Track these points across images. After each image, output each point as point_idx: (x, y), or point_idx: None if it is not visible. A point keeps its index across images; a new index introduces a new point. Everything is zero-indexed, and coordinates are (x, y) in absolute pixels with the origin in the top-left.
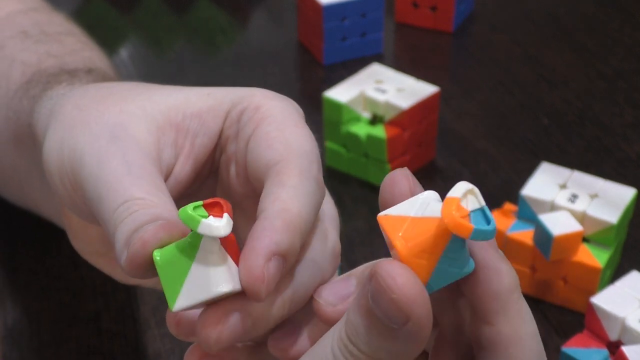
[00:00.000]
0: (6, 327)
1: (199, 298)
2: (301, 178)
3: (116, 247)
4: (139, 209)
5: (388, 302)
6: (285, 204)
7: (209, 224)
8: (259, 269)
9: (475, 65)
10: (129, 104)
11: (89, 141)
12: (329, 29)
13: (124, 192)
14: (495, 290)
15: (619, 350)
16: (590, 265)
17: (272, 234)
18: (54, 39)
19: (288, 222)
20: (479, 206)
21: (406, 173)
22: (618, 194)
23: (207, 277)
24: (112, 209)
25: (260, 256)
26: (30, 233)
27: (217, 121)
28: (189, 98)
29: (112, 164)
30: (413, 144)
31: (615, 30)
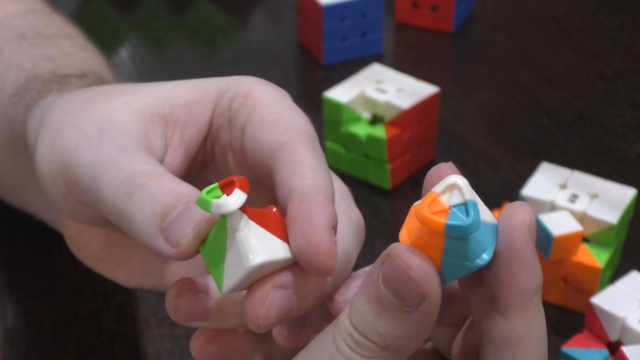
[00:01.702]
0: (6, 327)
1: (238, 276)
2: (314, 155)
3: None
4: (146, 180)
5: (405, 281)
6: (314, 180)
7: (217, 202)
8: (327, 244)
9: (475, 65)
10: (115, 101)
11: (79, 139)
12: (329, 29)
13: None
14: (523, 287)
15: (619, 350)
16: (590, 265)
17: (323, 207)
18: (51, 42)
19: (327, 196)
20: (463, 201)
21: (452, 167)
22: (618, 194)
23: (238, 254)
24: (114, 184)
25: (325, 229)
26: (31, 233)
27: (205, 111)
28: (175, 90)
29: (104, 148)
30: (413, 144)
31: (615, 30)
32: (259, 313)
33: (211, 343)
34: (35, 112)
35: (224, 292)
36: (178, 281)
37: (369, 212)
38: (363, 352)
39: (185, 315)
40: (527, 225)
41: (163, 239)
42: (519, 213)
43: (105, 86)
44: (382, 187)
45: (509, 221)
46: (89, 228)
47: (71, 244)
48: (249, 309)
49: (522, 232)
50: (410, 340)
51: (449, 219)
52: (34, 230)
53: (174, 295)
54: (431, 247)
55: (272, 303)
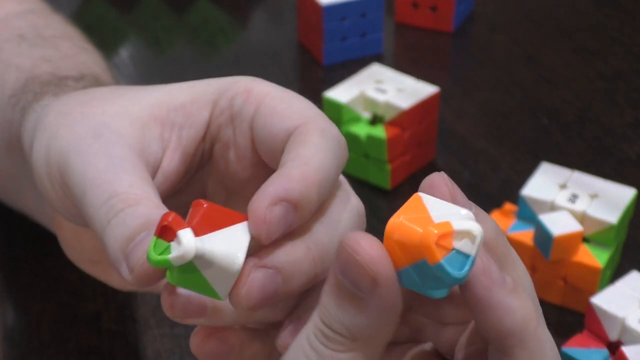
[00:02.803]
0: (6, 327)
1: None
2: (323, 135)
3: (109, 252)
4: (124, 207)
5: (354, 267)
6: (306, 159)
7: (175, 257)
8: (261, 211)
9: (475, 65)
10: (111, 105)
11: (73, 142)
12: (329, 29)
13: (106, 187)
14: (509, 328)
15: (619, 350)
16: (590, 265)
17: (284, 181)
18: (50, 43)
19: (305, 174)
20: (467, 253)
21: (445, 178)
22: (618, 194)
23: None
24: (97, 206)
25: (265, 199)
26: (31, 234)
27: (202, 112)
28: (172, 92)
29: (94, 160)
30: (413, 144)
31: (615, 30)
32: (240, 292)
33: (210, 339)
34: (31, 114)
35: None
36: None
37: (369, 212)
38: (333, 346)
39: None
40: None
41: (125, 264)
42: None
43: (102, 88)
44: (382, 187)
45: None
46: (84, 231)
47: (65, 246)
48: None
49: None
50: (377, 329)
51: (446, 259)
52: (34, 230)
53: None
54: (406, 253)
55: (254, 281)
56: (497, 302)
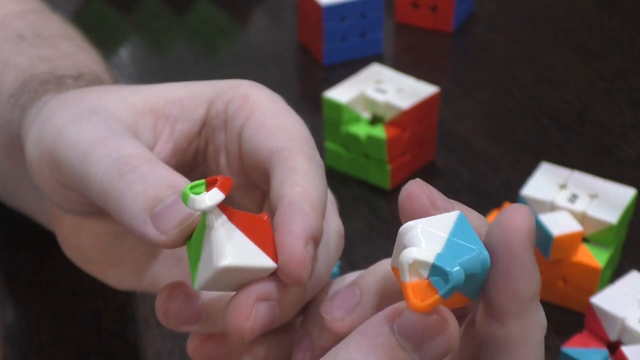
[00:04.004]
0: (6, 327)
1: (207, 274)
2: (310, 163)
3: (126, 210)
4: (139, 164)
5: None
6: (305, 188)
7: (193, 198)
8: (299, 253)
9: (475, 65)
10: (109, 94)
11: (67, 117)
12: (329, 29)
13: (112, 149)
14: (520, 293)
15: (618, 350)
16: (590, 265)
17: (305, 217)
18: (49, 42)
19: (314, 206)
20: (429, 264)
21: (421, 185)
22: (618, 194)
23: (210, 253)
24: (103, 164)
25: (300, 239)
26: (30, 233)
27: (198, 109)
28: (171, 88)
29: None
30: (413, 144)
31: (615, 30)
32: (243, 326)
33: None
34: (31, 111)
35: (196, 288)
36: (168, 284)
37: (369, 212)
38: None
39: (175, 320)
40: (526, 229)
41: (152, 225)
42: (518, 217)
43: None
44: (382, 187)
45: (508, 225)
46: (83, 227)
47: (64, 244)
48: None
49: (520, 237)
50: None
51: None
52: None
53: (164, 298)
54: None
55: (258, 316)
56: (527, 263)
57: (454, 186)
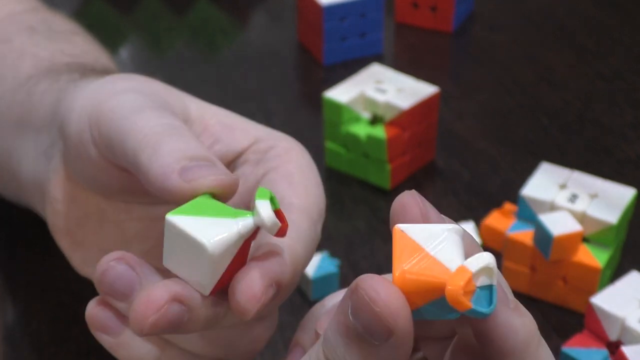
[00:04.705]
0: (6, 327)
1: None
2: (310, 225)
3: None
4: (185, 132)
5: (370, 316)
6: (294, 242)
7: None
8: (259, 290)
9: (475, 65)
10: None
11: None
12: (329, 29)
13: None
14: (511, 347)
15: (618, 350)
16: (590, 265)
17: (281, 263)
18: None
19: (294, 261)
20: (489, 283)
21: (415, 197)
22: (618, 194)
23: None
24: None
25: (266, 277)
26: (30, 233)
27: (243, 140)
28: (226, 112)
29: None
30: (413, 144)
31: (615, 30)
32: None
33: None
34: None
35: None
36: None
37: (369, 212)
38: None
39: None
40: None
41: (179, 175)
42: None
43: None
44: (382, 187)
45: None
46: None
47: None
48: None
49: None
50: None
51: (474, 302)
52: (34, 230)
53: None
54: (422, 296)
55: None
56: (501, 321)
57: (454, 186)
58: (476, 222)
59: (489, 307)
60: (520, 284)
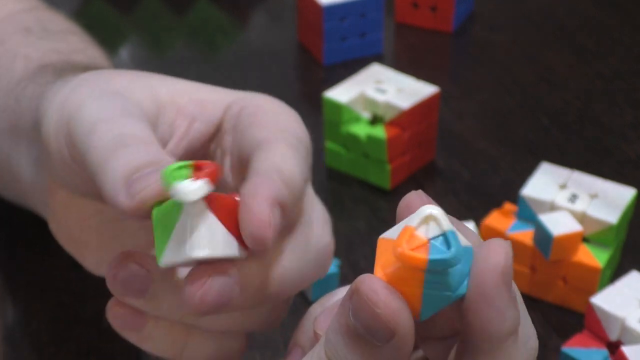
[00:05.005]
0: (6, 327)
1: (178, 258)
2: (289, 149)
3: (109, 179)
4: (134, 142)
5: (372, 318)
6: (277, 164)
7: (177, 188)
8: (265, 214)
9: (475, 65)
10: (138, 80)
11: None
12: (329, 29)
13: (118, 126)
14: (491, 333)
15: (618, 350)
16: (590, 265)
17: (272, 183)
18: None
19: (284, 179)
20: (441, 232)
21: (422, 197)
22: (618, 194)
23: (184, 239)
24: (105, 139)
25: (265, 201)
26: (30, 233)
27: (217, 111)
28: (196, 86)
29: (110, 105)
30: (413, 144)
31: (615, 30)
32: (195, 295)
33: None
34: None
35: (161, 264)
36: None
37: (369, 212)
38: None
39: (120, 287)
40: (500, 269)
41: (125, 194)
42: (493, 256)
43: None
44: (382, 187)
45: (481, 264)
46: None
47: (52, 220)
48: (188, 290)
49: (493, 278)
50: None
51: (430, 253)
52: (34, 230)
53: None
54: (410, 281)
55: (211, 287)
56: (498, 303)
57: (454, 186)
58: (476, 222)
59: (450, 250)
60: (520, 284)
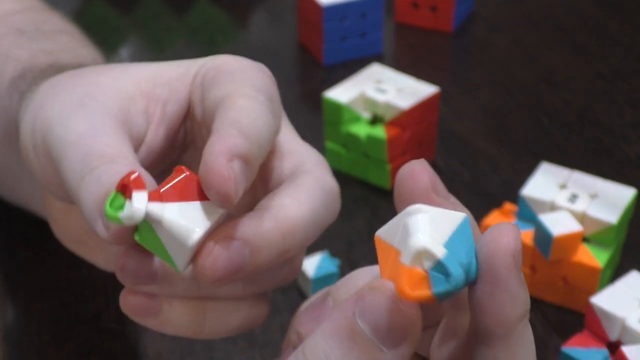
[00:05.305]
0: (6, 327)
1: (186, 256)
2: (248, 100)
3: (84, 210)
4: (98, 164)
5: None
6: (234, 118)
7: (124, 216)
8: (222, 168)
9: (475, 65)
10: (101, 77)
11: (57, 110)
12: (329, 29)
13: (83, 147)
14: (505, 317)
15: (618, 350)
16: (590, 265)
17: (227, 138)
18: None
19: (241, 130)
20: (436, 260)
21: (425, 166)
22: (618, 194)
23: (174, 240)
24: (73, 165)
25: (221, 155)
26: (30, 233)
27: (185, 88)
28: (160, 68)
29: (75, 125)
30: (413, 144)
31: (615, 30)
32: (205, 264)
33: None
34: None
35: (182, 271)
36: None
37: (369, 212)
38: None
39: (131, 277)
40: (511, 251)
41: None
42: (503, 238)
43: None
44: (382, 187)
45: (492, 246)
46: (71, 210)
47: (54, 226)
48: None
49: (504, 260)
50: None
51: (432, 286)
52: (34, 230)
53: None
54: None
55: (219, 254)
56: (511, 285)
57: (454, 186)
58: (476, 222)
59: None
60: None
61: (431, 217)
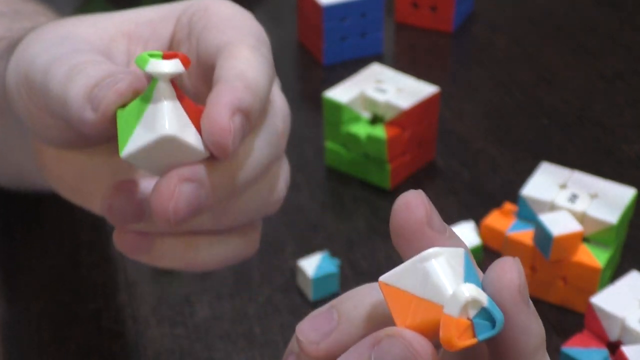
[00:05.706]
0: (7, 327)
1: (145, 140)
2: (252, 52)
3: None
4: (87, 66)
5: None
6: (241, 70)
7: (153, 62)
8: (225, 121)
9: (475, 65)
10: (83, 21)
11: (39, 47)
12: (329, 29)
13: (69, 60)
14: (521, 351)
15: (618, 350)
16: (590, 265)
17: (234, 91)
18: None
19: (247, 84)
20: (481, 307)
21: (422, 197)
22: (618, 194)
23: (154, 120)
24: (59, 74)
25: (225, 108)
26: (30, 232)
27: (167, 27)
28: (141, 10)
29: (60, 50)
30: (413, 144)
31: (615, 30)
32: (167, 207)
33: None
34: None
35: (124, 155)
36: (114, 183)
37: (369, 212)
38: None
39: (118, 216)
40: (516, 286)
41: (90, 109)
42: (507, 274)
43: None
44: (382, 187)
45: (497, 284)
46: (63, 158)
47: (49, 177)
48: (157, 203)
49: (511, 296)
50: None
51: (477, 334)
52: (34, 230)
53: (108, 194)
54: None
55: (181, 197)
56: (521, 320)
57: (454, 186)
58: (476, 222)
59: (496, 325)
60: None
61: (447, 261)
